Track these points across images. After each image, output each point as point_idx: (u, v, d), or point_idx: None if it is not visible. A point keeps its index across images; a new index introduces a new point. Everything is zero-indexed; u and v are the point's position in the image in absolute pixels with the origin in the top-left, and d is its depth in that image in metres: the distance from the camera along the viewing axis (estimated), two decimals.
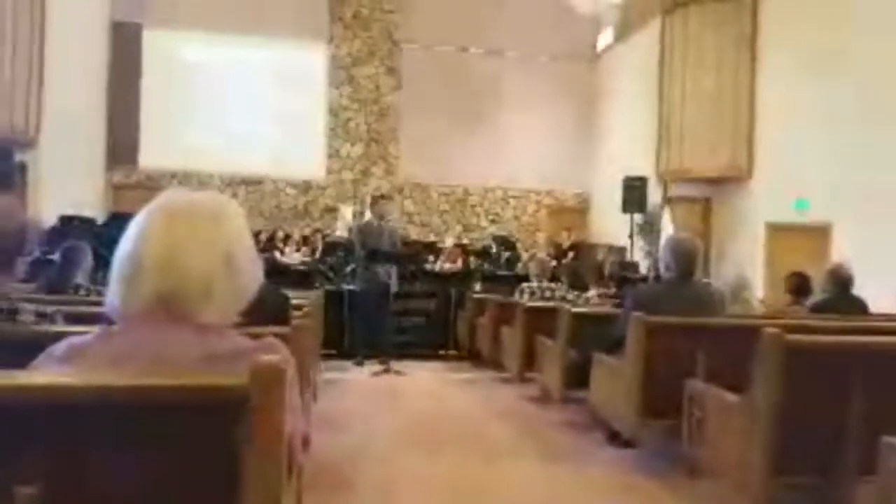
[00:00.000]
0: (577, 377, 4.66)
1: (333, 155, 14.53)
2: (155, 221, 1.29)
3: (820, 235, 9.05)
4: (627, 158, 12.64)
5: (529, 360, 5.74)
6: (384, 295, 7.52)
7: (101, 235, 7.73)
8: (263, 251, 10.13)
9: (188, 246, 1.27)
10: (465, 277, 9.83)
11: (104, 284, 1.37)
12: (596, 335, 4.44)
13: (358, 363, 7.50)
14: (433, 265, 10.72)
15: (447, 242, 12.09)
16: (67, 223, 9.57)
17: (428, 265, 10.56)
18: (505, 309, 6.70)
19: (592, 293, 6.74)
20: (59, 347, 1.26)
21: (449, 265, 10.85)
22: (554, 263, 10.14)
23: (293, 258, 11.11)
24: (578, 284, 6.87)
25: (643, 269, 11.21)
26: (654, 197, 11.45)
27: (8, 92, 9.55)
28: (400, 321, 8.25)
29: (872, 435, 2.00)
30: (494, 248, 12.11)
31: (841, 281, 4.98)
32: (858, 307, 4.93)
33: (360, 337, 7.78)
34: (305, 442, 1.45)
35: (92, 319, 1.93)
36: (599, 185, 14.66)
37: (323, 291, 7.70)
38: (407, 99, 14.53)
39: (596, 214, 15.00)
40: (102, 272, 4.74)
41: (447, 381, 7.05)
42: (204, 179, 13.48)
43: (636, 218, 11.29)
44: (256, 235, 10.39)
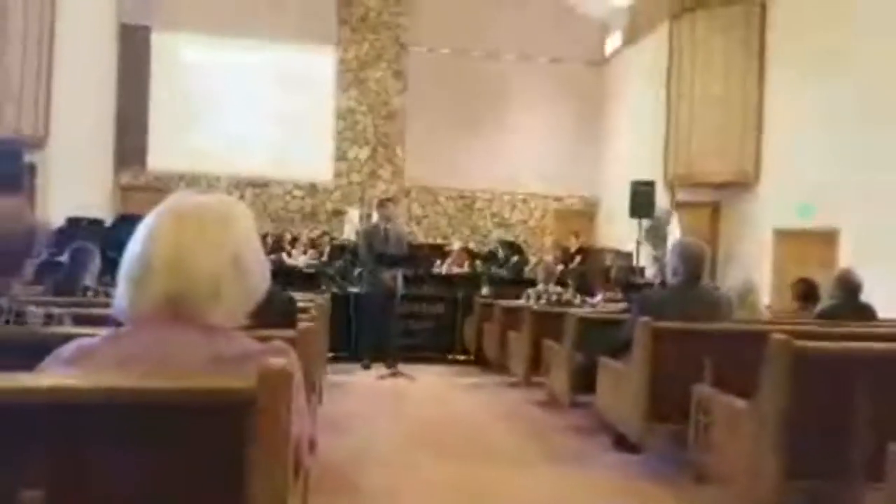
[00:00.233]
0: (583, 381, 4.65)
1: (341, 158, 14.56)
2: (163, 223, 1.29)
3: (827, 241, 9.01)
4: (635, 163, 12.61)
5: (536, 364, 5.74)
6: (390, 298, 7.53)
7: (108, 237, 7.76)
8: (270, 253, 10.16)
9: (196, 248, 1.27)
10: (471, 281, 9.83)
11: (112, 286, 1.38)
12: (603, 340, 4.43)
13: (365, 366, 7.49)
14: (440, 269, 10.72)
15: (454, 246, 12.10)
16: (75, 225, 9.61)
17: (434, 269, 10.57)
18: (512, 313, 6.69)
19: (599, 298, 6.73)
20: (67, 349, 1.26)
21: (456, 269, 10.85)
22: (561, 268, 10.15)
23: (300, 261, 11.13)
24: (585, 289, 6.87)
25: (650, 274, 11.18)
26: (661, 201, 11.43)
27: (17, 94, 9.62)
28: (406, 324, 8.25)
29: (880, 441, 1.99)
30: (501, 251, 12.10)
31: (849, 287, 4.95)
32: (866, 313, 4.90)
33: (366, 340, 7.78)
34: (311, 445, 1.45)
35: (100, 321, 1.94)
36: (607, 189, 14.63)
37: (330, 294, 7.71)
38: (414, 102, 14.54)
39: (603, 219, 14.98)
40: (110, 274, 4.77)
41: (454, 384, 7.04)
42: (212, 181, 13.53)
43: (643, 223, 11.26)
44: (264, 238, 10.41)
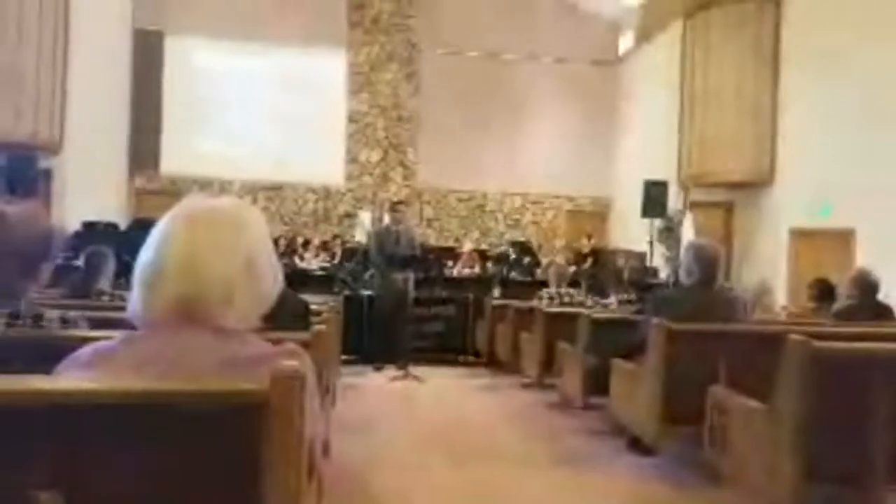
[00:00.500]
0: (597, 383, 4.63)
1: (352, 161, 14.59)
2: (176, 227, 1.30)
3: (844, 240, 8.93)
4: (648, 162, 12.55)
5: (549, 366, 5.71)
6: (402, 301, 7.53)
7: (123, 241, 7.81)
8: (283, 257, 10.20)
9: (209, 251, 1.27)
10: (483, 283, 9.82)
11: (127, 289, 1.38)
12: (616, 341, 4.41)
13: (377, 368, 7.50)
14: (451, 270, 10.72)
15: (465, 248, 12.09)
16: (91, 229, 9.69)
17: (446, 270, 10.56)
18: (524, 315, 6.67)
19: (612, 299, 6.70)
20: (83, 353, 1.27)
21: (467, 270, 10.85)
22: (573, 269, 10.12)
23: (312, 264, 11.17)
24: (598, 290, 6.84)
25: (663, 274, 11.13)
26: (674, 202, 11.36)
27: (33, 99, 9.70)
28: (418, 327, 8.25)
29: None
30: (513, 253, 12.08)
31: (866, 287, 4.91)
32: (884, 313, 4.86)
33: (378, 342, 7.79)
34: (325, 447, 1.45)
35: (115, 325, 1.95)
36: (619, 189, 14.57)
37: (342, 297, 7.72)
38: (425, 104, 14.55)
39: (616, 219, 14.92)
40: (125, 277, 4.80)
41: (466, 386, 7.03)
42: (224, 185, 13.59)
43: (656, 223, 11.21)
44: (276, 241, 10.44)
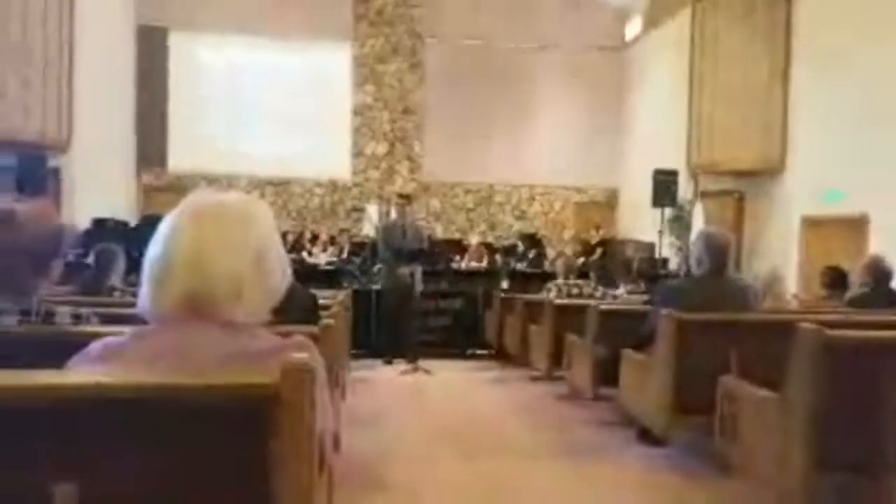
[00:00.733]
0: (606, 374, 4.63)
1: (359, 154, 14.58)
2: (184, 223, 1.30)
3: (857, 228, 8.86)
4: (657, 151, 12.46)
5: (558, 358, 5.70)
6: (409, 294, 7.54)
7: (133, 238, 7.85)
8: (291, 252, 10.21)
9: (217, 246, 1.28)
10: (491, 275, 9.81)
11: (137, 285, 1.39)
12: (625, 332, 4.40)
13: (387, 362, 7.53)
14: (459, 264, 10.71)
15: (472, 240, 12.08)
16: (101, 226, 9.73)
17: (454, 264, 10.56)
18: (533, 307, 6.67)
19: (621, 290, 6.68)
20: (94, 348, 1.28)
21: (475, 263, 10.84)
22: (582, 260, 10.10)
23: (320, 258, 11.19)
24: (607, 281, 6.82)
25: (673, 264, 11.08)
26: (684, 191, 11.30)
27: (40, 98, 9.74)
28: (427, 320, 8.26)
29: None
30: (521, 245, 12.06)
31: (879, 274, 4.88)
32: None
33: (386, 336, 7.81)
34: (335, 441, 1.45)
35: (126, 320, 1.96)
36: (628, 179, 14.50)
37: (351, 291, 7.74)
38: (431, 95, 14.50)
39: (624, 210, 14.86)
40: (135, 273, 4.82)
41: (475, 379, 7.03)
42: (232, 180, 13.60)
43: (666, 212, 11.15)
44: (284, 236, 10.46)
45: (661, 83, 13.14)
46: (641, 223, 12.68)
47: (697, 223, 10.30)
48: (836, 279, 5.67)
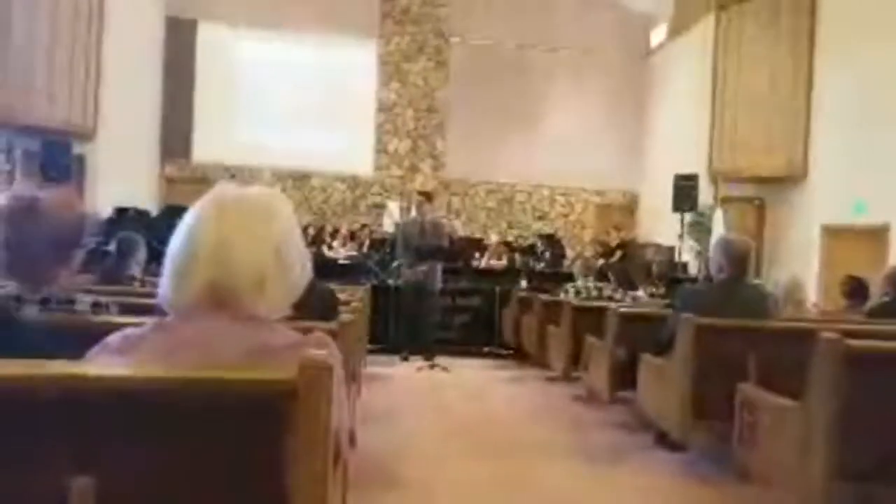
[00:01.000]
0: (624, 377, 4.60)
1: (381, 151, 14.60)
2: (206, 215, 1.31)
3: (878, 238, 8.75)
4: (678, 156, 12.38)
5: (576, 359, 5.68)
6: (427, 291, 7.54)
7: (154, 227, 7.91)
8: (311, 246, 10.25)
9: (238, 239, 1.28)
10: (510, 275, 9.79)
11: (157, 275, 1.39)
12: (644, 335, 4.37)
13: (404, 358, 7.54)
14: (478, 262, 10.70)
15: (492, 239, 12.06)
16: (123, 215, 9.82)
17: (473, 262, 10.55)
18: (551, 307, 6.64)
19: (641, 293, 6.63)
20: (113, 339, 1.28)
21: (494, 262, 10.82)
22: (601, 262, 10.04)
23: (340, 253, 11.22)
24: (626, 284, 6.77)
25: (693, 269, 11.00)
26: (705, 196, 11.21)
27: (67, 86, 9.85)
28: (445, 318, 8.26)
29: None
30: (540, 245, 12.02)
31: None
32: None
33: (403, 333, 7.82)
34: (351, 437, 1.45)
35: (145, 310, 1.97)
36: (649, 183, 14.41)
37: (370, 287, 7.75)
38: (455, 95, 14.50)
39: (645, 213, 14.77)
40: (156, 263, 4.86)
41: (492, 378, 7.03)
42: (254, 173, 13.68)
43: (686, 217, 11.07)
44: (305, 230, 10.49)
45: (683, 88, 13.04)
46: (661, 227, 12.60)
47: (717, 229, 10.22)
48: (856, 289, 5.59)
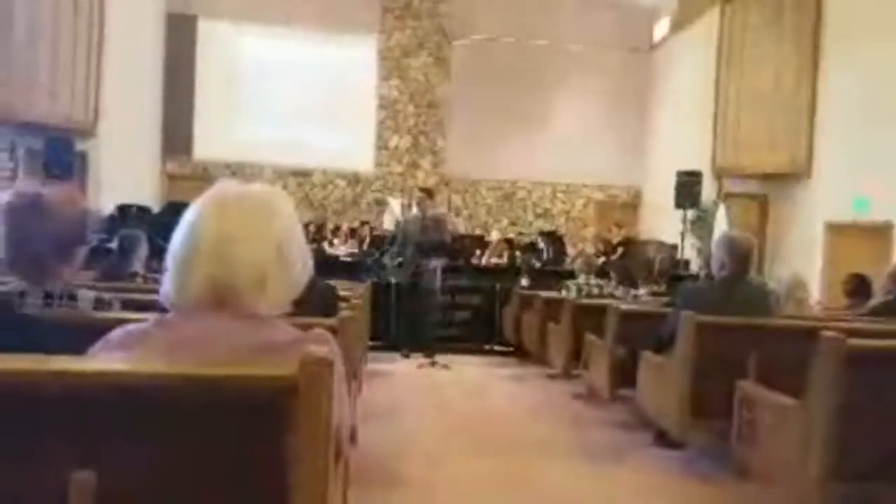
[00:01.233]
0: (624, 375, 4.60)
1: (382, 147, 14.60)
2: (207, 212, 1.31)
3: (882, 236, 8.73)
4: (681, 153, 12.36)
5: (576, 356, 5.68)
6: (427, 289, 7.55)
7: (156, 224, 7.92)
8: (312, 242, 10.25)
9: (240, 237, 1.28)
10: (511, 272, 9.78)
11: (159, 272, 1.40)
12: (645, 333, 4.37)
13: (404, 355, 7.54)
14: (479, 259, 10.69)
15: (493, 236, 12.05)
16: (125, 212, 9.83)
17: (474, 259, 10.55)
18: (552, 305, 6.64)
19: (642, 290, 6.63)
20: (115, 335, 1.29)
21: (495, 259, 10.82)
22: (602, 259, 10.04)
23: (341, 250, 11.22)
24: (628, 281, 6.77)
25: (695, 266, 10.99)
26: (708, 193, 11.20)
27: (69, 82, 9.85)
28: (446, 315, 8.26)
29: None
30: (541, 242, 12.02)
31: None
32: None
33: (404, 330, 7.83)
34: (351, 434, 1.46)
35: (147, 306, 1.98)
36: (651, 179, 14.40)
37: (370, 283, 7.76)
38: (456, 91, 14.48)
39: (647, 210, 14.76)
40: (158, 260, 4.87)
41: (492, 375, 7.03)
42: (255, 170, 13.68)
43: (689, 214, 11.07)
44: (305, 227, 10.43)
45: (686, 84, 13.01)
46: (663, 224, 12.59)
47: (720, 226, 10.21)
48: (859, 287, 5.59)
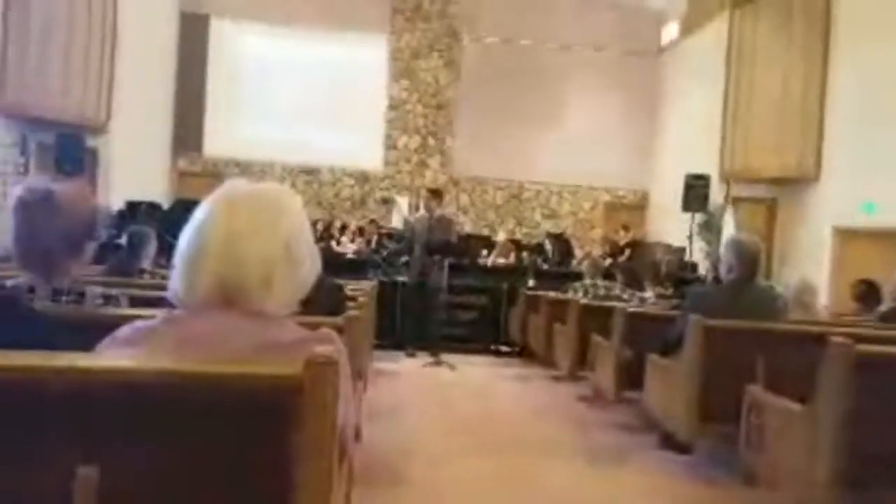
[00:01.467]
0: (630, 377, 4.59)
1: (391, 147, 14.61)
2: (217, 211, 1.31)
3: (890, 240, 8.68)
4: (689, 156, 12.33)
5: (582, 358, 5.67)
6: (433, 288, 7.55)
7: (165, 221, 7.94)
8: (320, 241, 10.26)
9: (249, 235, 1.29)
10: (517, 273, 9.78)
11: (168, 268, 1.40)
12: (652, 336, 4.36)
13: (409, 354, 7.55)
14: (486, 259, 10.69)
15: (500, 237, 12.05)
16: (134, 208, 9.87)
17: (481, 259, 10.54)
18: (558, 306, 6.63)
19: (649, 293, 6.61)
20: (122, 331, 1.29)
21: (502, 260, 10.81)
22: (609, 261, 10.03)
23: (348, 248, 11.24)
24: (635, 284, 6.75)
25: (702, 270, 10.96)
26: (716, 196, 11.17)
27: (81, 79, 9.91)
28: (452, 315, 8.26)
29: None
30: (548, 244, 12.00)
31: None
32: None
33: (409, 329, 7.83)
34: (356, 434, 1.46)
35: (155, 303, 1.98)
36: (659, 182, 14.36)
37: (377, 282, 7.76)
38: (465, 92, 14.48)
39: (654, 212, 14.72)
40: (166, 257, 4.89)
41: (498, 376, 7.02)
42: (265, 168, 13.72)
43: (696, 217, 11.04)
44: (314, 225, 10.45)
45: (696, 87, 12.98)
46: (671, 227, 12.55)
47: (728, 229, 10.17)
48: (867, 292, 5.55)
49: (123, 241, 4.87)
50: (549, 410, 5.43)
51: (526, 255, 11.31)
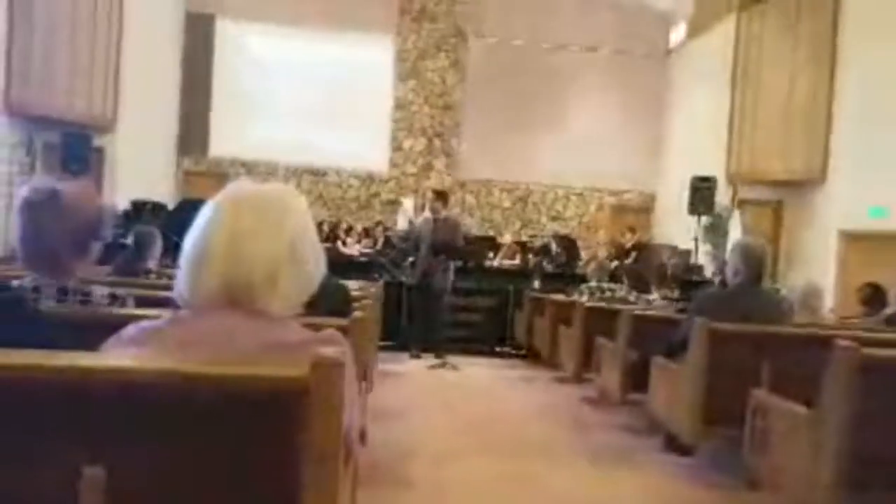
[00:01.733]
0: (635, 380, 4.58)
1: (397, 148, 14.61)
2: (222, 211, 1.31)
3: None
4: (696, 158, 12.31)
5: (587, 360, 5.67)
6: (439, 289, 7.55)
7: (171, 221, 7.97)
8: (325, 242, 10.28)
9: (254, 236, 1.29)
10: (523, 274, 9.77)
11: (173, 268, 1.40)
12: (657, 338, 4.35)
13: (414, 356, 7.55)
14: (492, 261, 10.69)
15: (506, 239, 12.04)
16: (140, 208, 9.90)
17: (487, 261, 10.54)
18: (564, 308, 6.63)
19: (655, 296, 6.60)
20: (127, 331, 1.29)
21: (507, 261, 10.81)
22: (615, 264, 10.01)
23: (354, 249, 11.25)
24: (640, 286, 6.74)
25: (708, 272, 10.94)
26: (722, 198, 11.14)
27: (87, 79, 9.94)
28: (457, 317, 8.26)
29: None
30: (554, 246, 11.99)
31: None
32: None
33: (415, 330, 7.83)
34: (362, 435, 1.46)
35: (161, 303, 1.98)
36: (665, 184, 14.34)
37: (382, 283, 7.77)
38: (472, 93, 14.48)
39: (660, 215, 14.69)
40: (171, 257, 4.89)
41: (503, 378, 7.02)
42: (270, 169, 13.74)
43: (703, 220, 11.01)
44: (319, 226, 10.54)
45: (702, 90, 12.95)
46: (677, 229, 12.53)
47: (734, 232, 10.15)
48: (874, 296, 5.54)
49: (129, 241, 4.89)
50: (553, 412, 5.43)
51: (531, 257, 11.30)
